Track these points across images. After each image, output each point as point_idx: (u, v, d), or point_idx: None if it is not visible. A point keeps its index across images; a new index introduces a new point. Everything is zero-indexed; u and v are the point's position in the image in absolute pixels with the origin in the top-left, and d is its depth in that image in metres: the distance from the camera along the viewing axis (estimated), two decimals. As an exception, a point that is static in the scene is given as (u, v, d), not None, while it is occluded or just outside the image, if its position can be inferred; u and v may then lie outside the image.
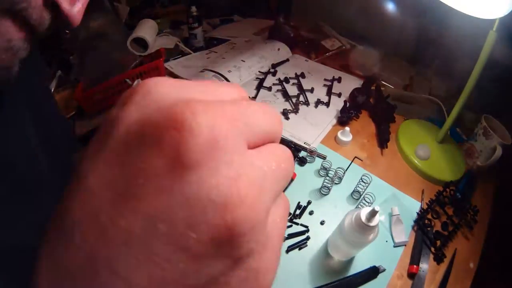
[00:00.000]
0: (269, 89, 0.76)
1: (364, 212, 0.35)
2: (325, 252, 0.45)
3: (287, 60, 0.89)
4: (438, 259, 0.45)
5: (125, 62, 0.77)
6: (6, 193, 0.25)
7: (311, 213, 0.49)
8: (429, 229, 0.48)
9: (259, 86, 0.75)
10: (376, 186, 0.54)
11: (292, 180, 0.53)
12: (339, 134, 0.62)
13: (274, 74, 0.82)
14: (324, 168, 0.55)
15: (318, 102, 0.72)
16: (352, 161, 0.58)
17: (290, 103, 0.72)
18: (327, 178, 0.51)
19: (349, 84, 0.80)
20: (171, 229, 0.09)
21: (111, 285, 0.09)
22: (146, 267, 0.09)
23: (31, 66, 0.33)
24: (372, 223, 0.35)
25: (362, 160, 0.60)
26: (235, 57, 0.83)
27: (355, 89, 0.73)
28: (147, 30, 0.86)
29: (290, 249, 0.44)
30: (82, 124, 0.65)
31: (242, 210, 0.10)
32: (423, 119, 0.71)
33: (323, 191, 0.52)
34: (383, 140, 0.63)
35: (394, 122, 0.70)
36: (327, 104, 0.72)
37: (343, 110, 0.67)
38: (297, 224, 0.48)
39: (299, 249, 0.45)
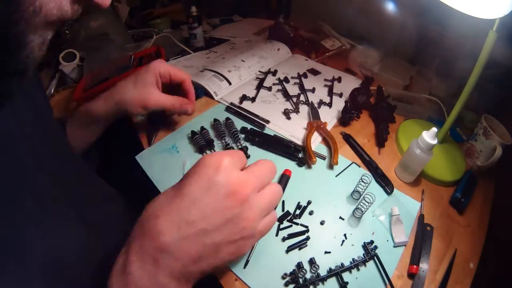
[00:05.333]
0: (269, 89, 0.76)
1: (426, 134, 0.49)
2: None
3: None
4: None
5: (125, 62, 0.77)
6: None
7: (311, 213, 0.49)
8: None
9: (259, 86, 0.75)
10: (376, 186, 0.54)
11: (288, 177, 0.52)
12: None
13: (274, 74, 0.82)
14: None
15: (321, 103, 0.72)
16: (352, 162, 0.58)
17: (291, 103, 0.72)
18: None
19: (349, 84, 0.80)
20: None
21: None
22: None
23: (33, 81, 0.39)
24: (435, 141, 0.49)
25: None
26: (235, 57, 0.83)
27: (355, 89, 0.72)
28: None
29: (290, 249, 0.44)
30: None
31: None
32: (423, 119, 0.71)
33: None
34: (380, 140, 0.63)
35: (394, 122, 0.70)
36: (329, 105, 0.72)
37: (345, 111, 0.67)
38: (297, 224, 0.48)
39: (299, 249, 0.45)
